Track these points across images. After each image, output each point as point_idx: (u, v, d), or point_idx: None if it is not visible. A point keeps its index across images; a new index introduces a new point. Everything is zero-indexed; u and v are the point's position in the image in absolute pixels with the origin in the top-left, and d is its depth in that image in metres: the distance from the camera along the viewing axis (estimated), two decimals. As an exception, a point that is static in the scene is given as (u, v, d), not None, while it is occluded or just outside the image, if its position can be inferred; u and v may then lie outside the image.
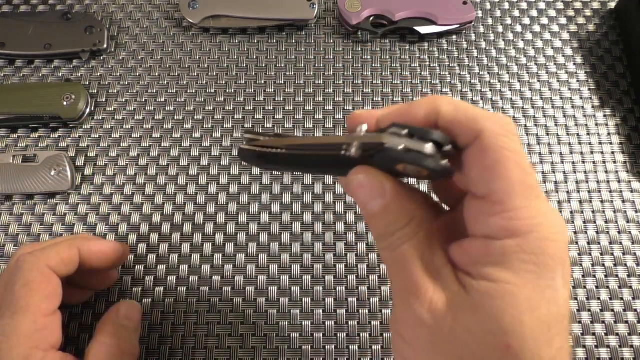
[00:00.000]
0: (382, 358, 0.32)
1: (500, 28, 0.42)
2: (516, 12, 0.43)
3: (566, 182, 0.37)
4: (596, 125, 0.39)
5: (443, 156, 0.18)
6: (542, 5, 0.43)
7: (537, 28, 0.42)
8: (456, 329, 0.17)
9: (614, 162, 0.37)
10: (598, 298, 0.33)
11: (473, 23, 0.41)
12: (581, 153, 0.38)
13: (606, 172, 0.37)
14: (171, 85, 0.39)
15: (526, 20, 0.42)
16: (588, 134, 0.38)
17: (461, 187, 0.20)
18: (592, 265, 0.34)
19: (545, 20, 0.42)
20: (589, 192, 0.36)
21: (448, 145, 0.18)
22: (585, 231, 0.35)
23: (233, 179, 0.36)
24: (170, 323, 0.32)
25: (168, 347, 0.32)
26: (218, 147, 0.37)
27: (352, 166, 0.20)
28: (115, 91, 0.39)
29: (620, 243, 0.35)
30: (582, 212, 0.36)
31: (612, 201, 0.36)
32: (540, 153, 0.38)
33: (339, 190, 0.36)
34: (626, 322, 0.33)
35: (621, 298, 0.33)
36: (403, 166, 0.18)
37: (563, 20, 0.42)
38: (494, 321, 0.16)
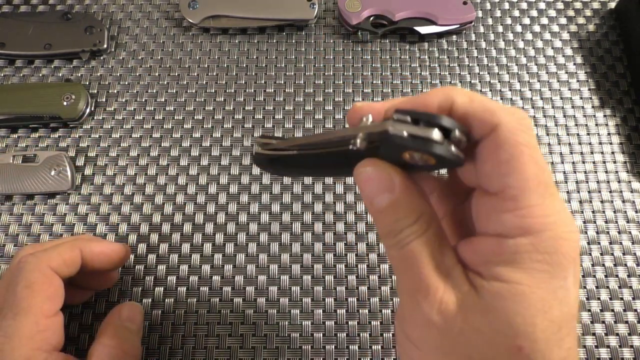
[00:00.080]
0: (382, 358, 0.32)
1: (500, 28, 0.42)
2: (516, 12, 0.43)
3: (566, 182, 0.37)
4: (596, 125, 0.39)
5: (451, 143, 0.17)
6: (542, 5, 0.43)
7: (537, 28, 0.42)
8: (466, 330, 0.16)
9: (614, 162, 0.37)
10: (598, 298, 0.33)
11: (473, 23, 0.41)
12: (581, 153, 0.38)
13: (606, 172, 0.37)
14: (171, 85, 0.39)
15: (526, 20, 0.42)
16: (588, 134, 0.38)
17: (468, 183, 0.20)
18: (592, 265, 0.34)
19: (545, 20, 0.42)
20: (589, 192, 0.36)
21: (457, 131, 0.17)
22: (585, 231, 0.35)
23: (233, 179, 0.36)
24: (170, 323, 0.32)
25: (168, 347, 0.32)
26: (218, 147, 0.37)
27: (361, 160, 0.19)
28: (115, 91, 0.39)
29: (620, 243, 0.35)
30: (582, 212, 0.36)
31: (612, 201, 0.36)
32: (540, 153, 0.38)
33: (339, 190, 0.36)
34: (626, 322, 0.33)
35: (621, 298, 0.33)
36: (410, 154, 0.17)
37: (563, 20, 0.42)
38: (506, 323, 0.16)
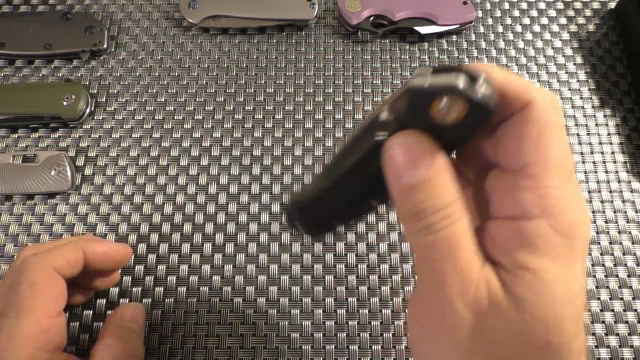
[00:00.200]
0: (382, 358, 0.32)
1: (500, 28, 0.42)
2: (516, 12, 0.43)
3: (566, 182, 0.37)
4: (596, 125, 0.39)
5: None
6: (542, 5, 0.43)
7: (537, 28, 0.42)
8: (497, 328, 0.15)
9: (614, 162, 0.37)
10: (598, 298, 0.33)
11: (473, 23, 0.41)
12: (581, 153, 0.38)
13: (606, 172, 0.37)
14: (171, 85, 0.39)
15: (526, 20, 0.42)
16: (588, 134, 0.38)
17: (485, 160, 0.18)
18: (592, 265, 0.34)
19: (545, 20, 0.42)
20: (589, 192, 0.36)
21: (482, 79, 0.15)
22: (585, 231, 0.35)
23: (233, 179, 0.36)
24: (170, 323, 0.32)
25: (168, 347, 0.32)
26: (218, 147, 0.37)
27: None
28: (115, 91, 0.39)
29: (620, 243, 0.35)
30: (582, 212, 0.36)
31: (612, 201, 0.36)
32: (540, 153, 0.38)
33: (339, 190, 0.36)
34: (626, 322, 0.33)
35: (621, 298, 0.33)
36: (438, 111, 0.16)
37: (563, 20, 0.42)
38: (538, 317, 0.15)
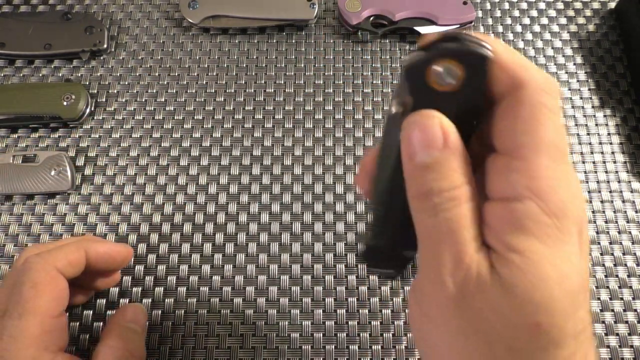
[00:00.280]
0: (382, 358, 0.32)
1: (500, 28, 0.42)
2: (516, 12, 0.43)
3: (566, 182, 0.37)
4: (596, 125, 0.39)
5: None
6: (542, 5, 0.43)
7: (537, 28, 0.42)
8: (485, 310, 0.16)
9: (614, 162, 0.37)
10: (598, 298, 0.33)
11: (473, 23, 0.41)
12: (581, 153, 0.38)
13: (606, 172, 0.37)
14: (171, 85, 0.39)
15: (526, 20, 0.42)
16: (588, 134, 0.38)
17: (484, 143, 0.19)
18: (592, 265, 0.34)
19: (545, 20, 0.42)
20: (589, 192, 0.36)
21: (468, 39, 0.16)
22: (585, 231, 0.35)
23: (233, 179, 0.36)
24: (170, 323, 0.32)
25: (168, 347, 0.32)
26: (218, 147, 0.37)
27: None
28: (115, 91, 0.39)
29: (620, 243, 0.35)
30: (582, 212, 0.36)
31: (612, 201, 0.36)
32: (540, 153, 0.37)
33: (339, 190, 0.36)
34: (626, 322, 0.33)
35: (621, 298, 0.33)
36: (436, 74, 0.16)
37: (563, 20, 0.42)
38: (525, 299, 0.15)
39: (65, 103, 0.37)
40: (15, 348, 0.23)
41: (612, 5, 0.43)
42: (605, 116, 0.39)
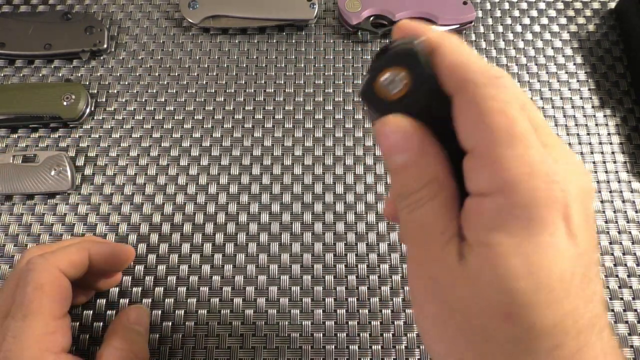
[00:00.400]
0: (382, 358, 0.32)
1: (500, 28, 0.42)
2: (516, 12, 0.43)
3: (566, 182, 0.37)
4: (596, 125, 0.39)
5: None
6: (542, 5, 0.43)
7: (537, 28, 0.42)
8: (456, 304, 0.16)
9: (614, 162, 0.37)
10: (598, 298, 0.33)
11: (473, 23, 0.41)
12: (581, 153, 0.38)
13: (606, 172, 0.37)
14: (171, 85, 0.39)
15: (526, 20, 0.42)
16: (588, 134, 0.38)
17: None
18: (592, 265, 0.34)
19: (545, 20, 0.42)
20: (589, 192, 0.36)
21: (416, 42, 0.17)
22: (585, 231, 0.35)
23: (233, 179, 0.36)
24: (170, 323, 0.32)
25: (168, 347, 0.32)
26: (218, 147, 0.37)
27: None
28: (115, 91, 0.39)
29: (620, 243, 0.35)
30: (582, 212, 0.36)
31: (612, 201, 0.36)
32: (540, 153, 0.37)
33: (339, 190, 0.36)
34: (626, 322, 0.33)
35: (621, 298, 0.33)
36: (385, 83, 0.17)
37: (563, 20, 0.43)
38: (490, 290, 0.15)
39: (65, 103, 0.37)
40: (18, 349, 0.23)
41: (612, 5, 0.43)
42: (605, 116, 0.39)
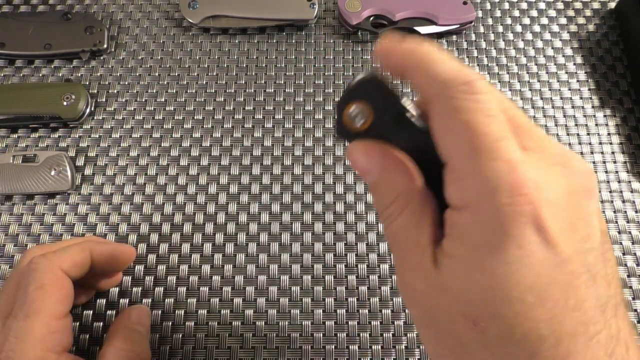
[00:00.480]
0: (382, 358, 0.32)
1: (500, 28, 0.42)
2: (516, 12, 0.43)
3: (566, 182, 0.37)
4: (596, 125, 0.39)
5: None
6: (542, 5, 0.43)
7: (537, 28, 0.42)
8: (433, 311, 0.17)
9: (614, 162, 0.37)
10: (598, 298, 0.33)
11: (473, 23, 0.41)
12: (581, 153, 0.38)
13: (606, 172, 0.37)
14: (171, 85, 0.39)
15: (526, 20, 0.42)
16: (588, 134, 0.38)
17: None
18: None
19: (545, 20, 0.42)
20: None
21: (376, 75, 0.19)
22: (585, 231, 0.35)
23: (233, 179, 0.36)
24: (170, 323, 0.32)
25: (168, 347, 0.32)
26: (218, 147, 0.37)
27: None
28: (115, 91, 0.39)
29: (620, 243, 0.35)
30: (582, 212, 0.36)
31: (612, 201, 0.36)
32: (540, 153, 0.38)
33: (339, 190, 0.36)
34: (626, 322, 0.33)
35: (621, 298, 0.33)
36: (352, 113, 0.19)
37: (563, 20, 0.42)
38: (459, 301, 0.16)
39: (65, 103, 0.37)
40: (20, 349, 0.23)
41: (612, 5, 0.43)
42: (605, 116, 0.39)
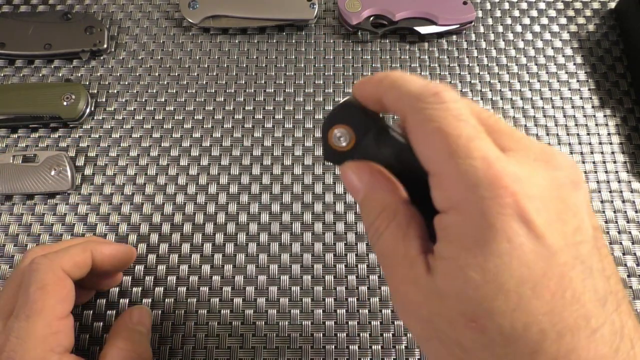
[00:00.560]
0: (382, 358, 0.32)
1: (500, 28, 0.42)
2: (516, 12, 0.43)
3: (566, 182, 0.37)
4: (596, 125, 0.39)
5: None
6: (542, 5, 0.43)
7: (537, 28, 0.42)
8: (430, 317, 0.17)
9: (614, 162, 0.37)
10: (598, 298, 0.33)
11: (473, 23, 0.41)
12: (581, 153, 0.38)
13: (606, 172, 0.37)
14: (171, 85, 0.39)
15: (526, 20, 0.42)
16: (588, 134, 0.38)
17: None
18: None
19: (545, 20, 0.42)
20: (589, 192, 0.36)
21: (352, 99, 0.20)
22: (585, 231, 0.35)
23: (233, 179, 0.36)
24: (170, 323, 0.32)
25: (168, 347, 0.32)
26: (218, 147, 0.37)
27: None
28: (115, 91, 0.39)
29: (620, 243, 0.35)
30: (582, 212, 0.36)
31: (612, 201, 0.36)
32: (540, 153, 0.37)
33: (339, 190, 0.36)
34: (626, 322, 0.33)
35: (621, 298, 0.33)
36: (336, 136, 0.20)
37: (563, 20, 0.42)
38: (455, 302, 0.16)
39: (65, 103, 0.37)
40: (22, 349, 0.23)
41: (612, 5, 0.43)
42: (605, 116, 0.39)
